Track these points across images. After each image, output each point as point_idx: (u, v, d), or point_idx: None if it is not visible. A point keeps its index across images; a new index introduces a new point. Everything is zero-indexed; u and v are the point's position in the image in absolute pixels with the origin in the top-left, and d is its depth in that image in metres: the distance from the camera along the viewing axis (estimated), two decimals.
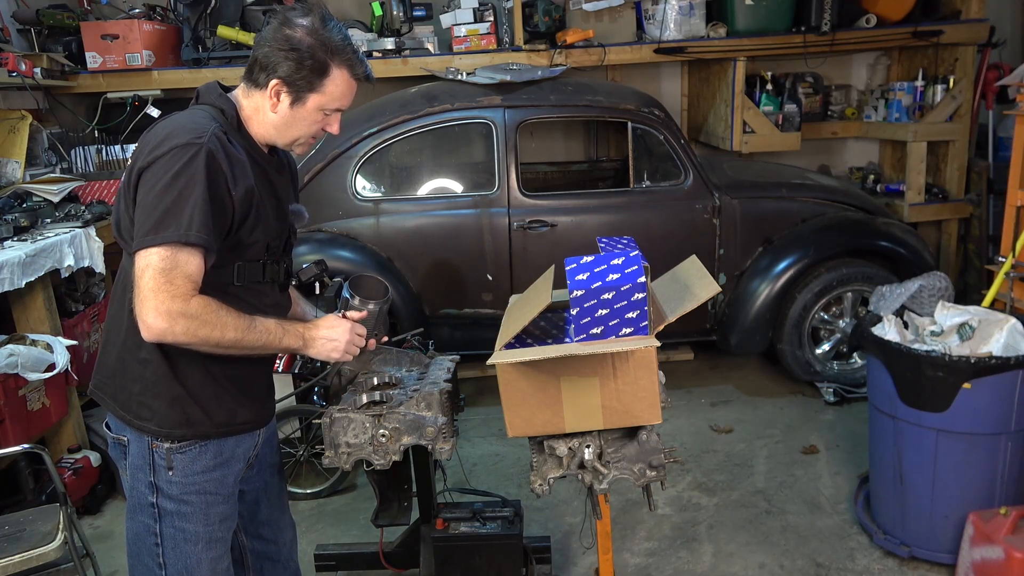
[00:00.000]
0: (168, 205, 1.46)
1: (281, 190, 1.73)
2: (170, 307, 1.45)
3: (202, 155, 1.48)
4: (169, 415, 1.61)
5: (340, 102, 1.65)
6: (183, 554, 1.66)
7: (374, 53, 4.48)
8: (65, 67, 4.24)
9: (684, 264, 1.98)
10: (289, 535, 2.03)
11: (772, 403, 3.99)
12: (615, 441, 1.83)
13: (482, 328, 3.90)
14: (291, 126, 1.65)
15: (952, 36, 4.59)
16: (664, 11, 4.51)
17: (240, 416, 1.70)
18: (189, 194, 1.46)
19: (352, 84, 1.64)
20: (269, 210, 1.65)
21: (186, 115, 1.59)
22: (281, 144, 1.69)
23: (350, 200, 3.82)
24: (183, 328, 1.46)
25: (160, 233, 1.45)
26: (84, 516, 3.24)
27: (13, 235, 3.19)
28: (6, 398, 2.83)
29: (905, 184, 4.72)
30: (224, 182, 1.51)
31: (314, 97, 1.61)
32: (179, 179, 1.47)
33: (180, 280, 1.46)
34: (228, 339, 1.52)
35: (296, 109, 1.62)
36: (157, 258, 1.45)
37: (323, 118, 1.66)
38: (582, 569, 2.76)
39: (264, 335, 1.58)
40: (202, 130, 1.51)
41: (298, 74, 1.58)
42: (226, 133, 1.57)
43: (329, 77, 1.60)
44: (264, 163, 1.68)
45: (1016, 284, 3.14)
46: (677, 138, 3.91)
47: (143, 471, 1.64)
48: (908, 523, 2.67)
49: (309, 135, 1.69)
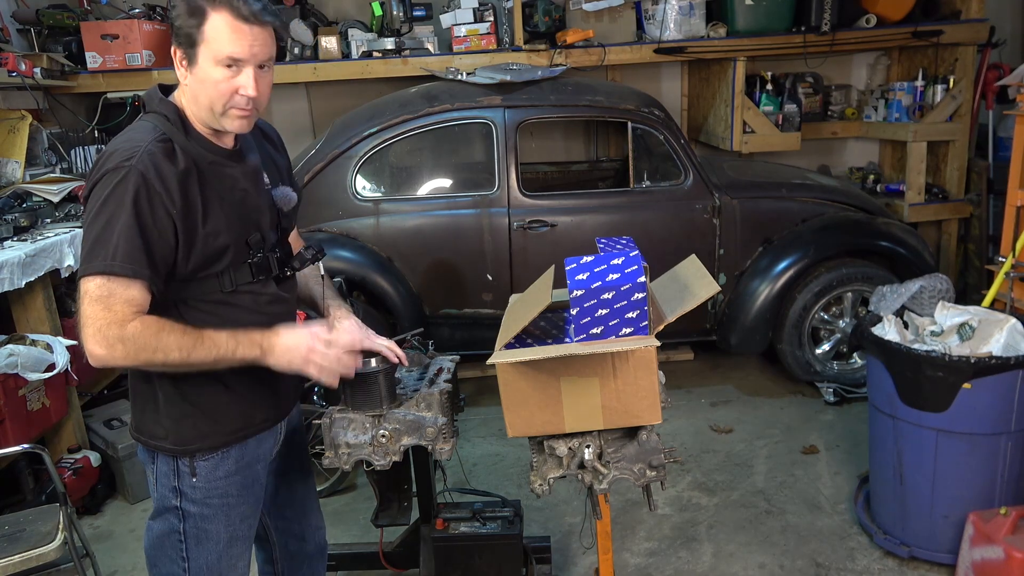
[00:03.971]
0: (97, 233, 1.44)
1: (248, 180, 1.64)
2: (107, 333, 1.43)
3: (131, 179, 1.44)
4: (181, 433, 1.62)
5: (230, 48, 1.48)
6: (205, 551, 1.69)
7: (374, 53, 4.49)
8: (65, 67, 4.24)
9: (684, 264, 1.97)
10: (315, 518, 2.04)
11: (772, 403, 3.99)
12: (615, 441, 1.82)
13: (482, 328, 3.90)
14: (200, 93, 1.52)
15: (952, 36, 4.59)
16: (664, 11, 4.51)
17: (256, 418, 1.71)
18: (116, 222, 1.43)
19: (237, 26, 1.47)
20: (231, 210, 1.58)
21: (128, 132, 1.55)
22: (211, 121, 1.55)
23: (350, 200, 3.82)
24: (122, 353, 1.44)
25: (91, 262, 1.44)
26: (84, 516, 3.24)
27: (13, 235, 3.19)
28: (6, 398, 2.83)
29: (905, 184, 4.73)
30: (160, 202, 1.46)
31: (201, 49, 1.48)
32: (107, 206, 1.44)
33: (119, 306, 1.44)
34: (173, 360, 1.47)
35: (194, 70, 1.51)
36: (93, 285, 1.44)
37: (227, 75, 1.50)
38: (582, 569, 2.76)
39: (213, 350, 1.50)
40: (134, 150, 1.47)
41: (182, 31, 1.48)
42: (170, 140, 1.51)
43: (208, 22, 1.47)
44: (220, 158, 1.59)
45: (1016, 284, 3.14)
46: (677, 138, 3.91)
47: (168, 477, 1.66)
48: (908, 523, 2.67)
49: (223, 100, 1.51)
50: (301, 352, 1.57)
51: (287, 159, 1.86)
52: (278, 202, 1.71)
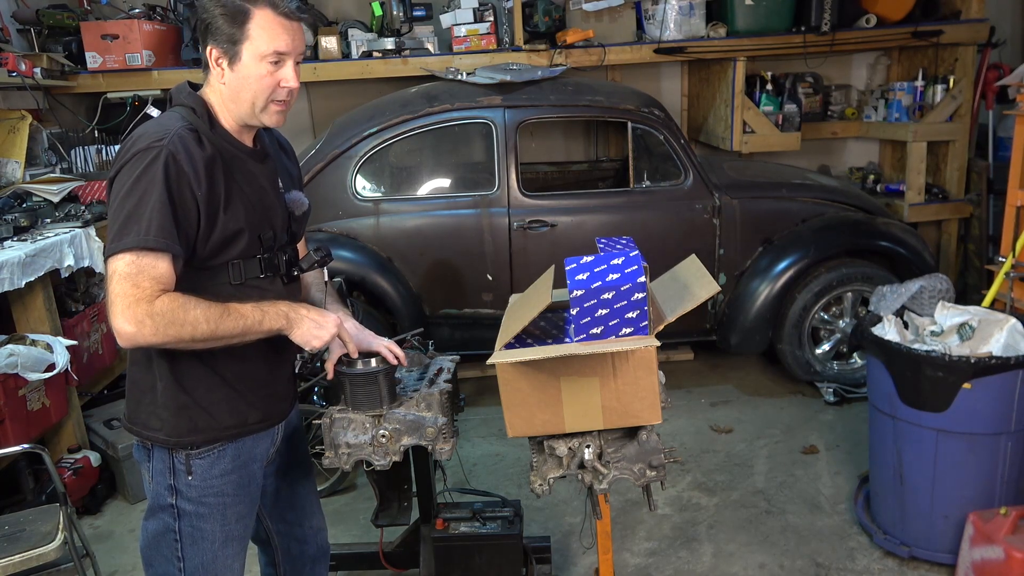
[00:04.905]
0: (129, 210, 1.47)
1: (266, 179, 1.69)
2: (135, 310, 1.44)
3: (161, 158, 1.47)
4: (177, 424, 1.63)
5: (275, 44, 1.56)
6: (200, 550, 1.69)
7: (374, 53, 4.49)
8: (65, 67, 4.24)
9: (684, 264, 1.98)
10: (316, 521, 2.05)
11: (772, 403, 3.99)
12: (615, 441, 1.82)
13: (482, 328, 3.90)
14: (242, 89, 1.58)
15: (952, 36, 4.59)
16: (664, 11, 4.51)
17: (252, 417, 1.71)
18: (148, 198, 1.46)
19: (282, 22, 1.56)
20: (250, 202, 1.62)
21: (156, 119, 1.60)
22: (248, 117, 1.62)
23: (350, 200, 3.82)
24: (151, 329, 1.45)
25: (123, 239, 1.45)
26: (84, 516, 3.24)
27: (13, 235, 3.19)
28: (6, 398, 2.83)
29: (905, 184, 4.72)
30: (188, 182, 1.50)
31: (246, 47, 1.55)
32: (139, 184, 1.47)
33: (146, 283, 1.45)
34: (201, 332, 1.49)
35: (237, 69, 1.56)
36: (123, 263, 1.45)
37: (271, 70, 1.57)
38: (582, 569, 2.76)
39: (240, 320, 1.54)
40: (164, 132, 1.51)
41: (224, 31, 1.54)
42: (196, 130, 1.56)
43: (252, 21, 1.54)
44: (243, 154, 1.64)
45: (1016, 284, 3.14)
46: (677, 138, 3.91)
47: (163, 475, 1.66)
48: (908, 523, 2.67)
49: (266, 94, 1.59)
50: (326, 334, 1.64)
51: (299, 170, 1.92)
52: (290, 205, 1.75)
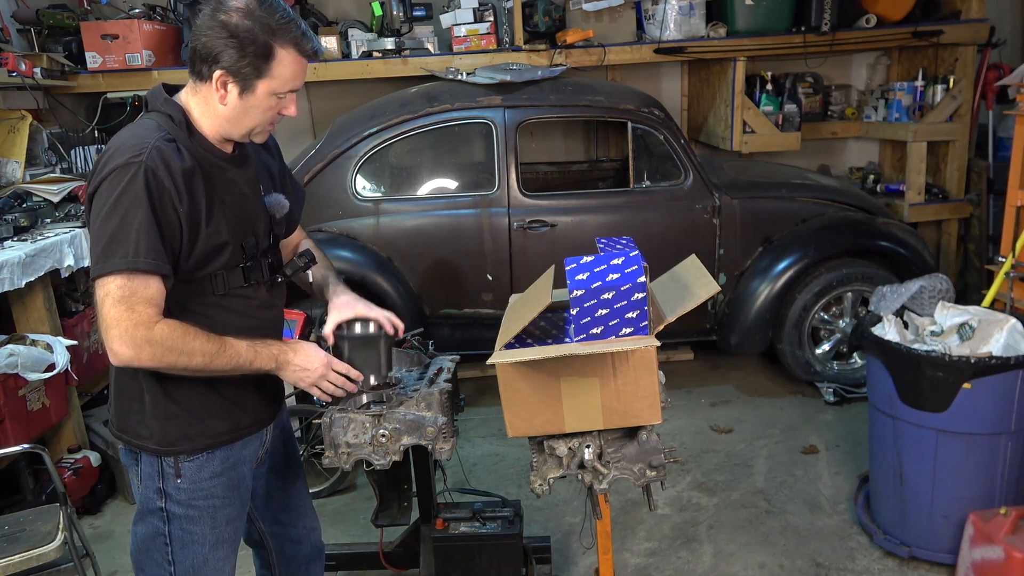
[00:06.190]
0: (113, 230, 1.44)
1: (247, 185, 1.65)
2: (134, 335, 1.43)
3: (141, 174, 1.43)
4: (166, 432, 1.62)
5: (292, 83, 1.55)
6: (191, 553, 1.68)
7: (374, 53, 4.49)
8: (65, 67, 4.24)
9: (684, 264, 1.98)
10: (309, 520, 2.04)
11: (772, 403, 3.99)
12: (615, 441, 1.82)
13: (482, 328, 3.90)
14: (244, 116, 1.56)
15: (952, 36, 4.59)
16: (664, 11, 4.51)
17: (243, 421, 1.71)
18: (132, 218, 1.43)
19: (302, 62, 1.55)
20: (232, 213, 1.59)
21: (131, 129, 1.55)
22: (237, 136, 1.60)
23: (350, 200, 3.82)
24: (149, 355, 1.45)
25: (109, 260, 1.43)
26: (84, 516, 3.24)
27: (13, 235, 3.19)
28: (6, 398, 2.83)
29: (905, 184, 4.72)
30: (169, 198, 1.47)
31: (263, 83, 1.52)
32: (121, 202, 1.44)
33: (141, 306, 1.44)
34: (195, 364, 1.50)
35: (246, 98, 1.54)
36: (114, 286, 1.43)
37: (277, 102, 1.57)
38: (582, 569, 2.76)
39: (234, 359, 1.54)
40: (142, 146, 1.46)
41: (242, 62, 1.49)
42: (174, 140, 1.52)
43: (275, 59, 1.50)
44: (222, 162, 1.60)
45: (1016, 284, 3.14)
46: (677, 138, 3.91)
47: (152, 478, 1.65)
48: (908, 523, 2.67)
49: (265, 123, 1.60)
50: (312, 376, 1.67)
51: (281, 162, 1.86)
52: (270, 209, 1.72)
